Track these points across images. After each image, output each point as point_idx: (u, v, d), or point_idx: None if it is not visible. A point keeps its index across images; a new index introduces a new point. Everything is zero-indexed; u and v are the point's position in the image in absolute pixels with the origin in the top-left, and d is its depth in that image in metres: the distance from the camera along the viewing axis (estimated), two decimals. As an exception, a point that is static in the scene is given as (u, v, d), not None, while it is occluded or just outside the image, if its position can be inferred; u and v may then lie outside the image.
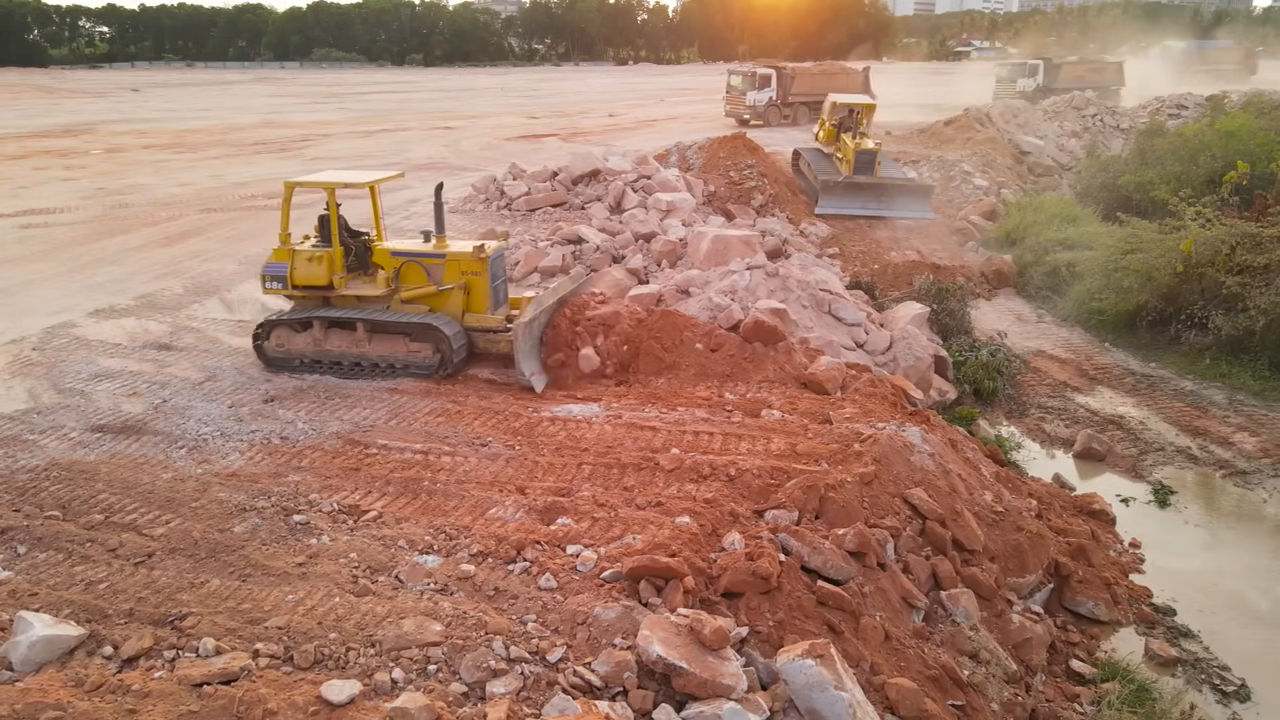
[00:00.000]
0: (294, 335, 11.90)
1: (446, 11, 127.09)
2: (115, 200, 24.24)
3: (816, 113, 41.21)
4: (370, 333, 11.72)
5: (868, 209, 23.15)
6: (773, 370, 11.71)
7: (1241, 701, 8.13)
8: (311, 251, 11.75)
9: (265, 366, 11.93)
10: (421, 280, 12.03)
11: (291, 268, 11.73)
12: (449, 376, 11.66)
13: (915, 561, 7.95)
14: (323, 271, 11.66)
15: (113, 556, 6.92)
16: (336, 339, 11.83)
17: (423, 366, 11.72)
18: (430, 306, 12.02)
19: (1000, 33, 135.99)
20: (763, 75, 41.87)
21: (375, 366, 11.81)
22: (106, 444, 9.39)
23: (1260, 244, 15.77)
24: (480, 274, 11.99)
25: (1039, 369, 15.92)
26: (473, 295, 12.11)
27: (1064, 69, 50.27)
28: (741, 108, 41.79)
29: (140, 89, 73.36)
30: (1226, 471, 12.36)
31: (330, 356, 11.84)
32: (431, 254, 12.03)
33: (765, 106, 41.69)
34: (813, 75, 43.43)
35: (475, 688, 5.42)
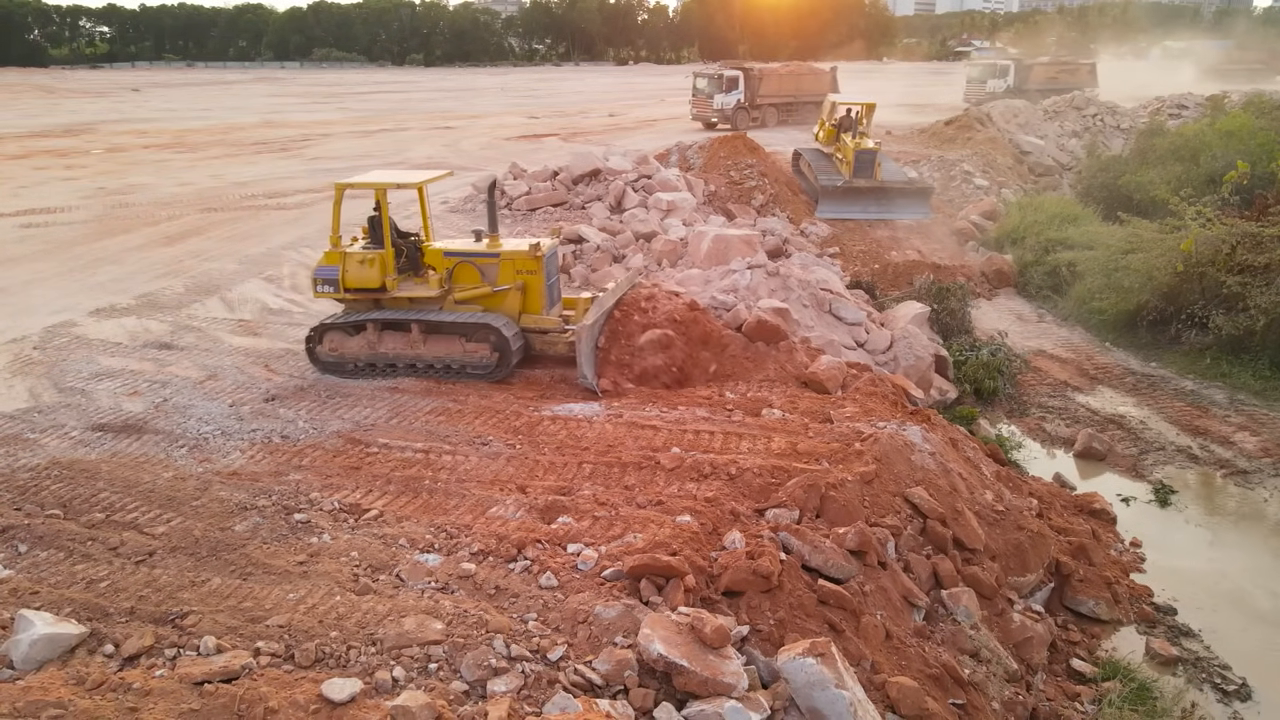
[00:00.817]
0: (347, 339, 11.70)
1: (447, 11, 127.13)
2: (116, 200, 24.24)
3: (785, 115, 41.01)
4: (425, 334, 11.53)
5: (868, 212, 23.16)
6: (774, 369, 11.71)
7: (1242, 700, 8.13)
8: (363, 254, 11.53)
9: (319, 371, 11.76)
10: (475, 280, 11.85)
11: (343, 271, 11.53)
12: (505, 379, 11.46)
13: (916, 560, 7.95)
14: (375, 274, 11.45)
15: (114, 555, 6.92)
16: (391, 341, 11.62)
17: (480, 367, 11.51)
18: (485, 307, 11.82)
19: (1000, 33, 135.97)
20: (730, 77, 40.34)
21: (430, 368, 11.62)
22: (107, 443, 9.39)
23: (1261, 243, 15.77)
24: (536, 273, 11.78)
25: (1039, 368, 15.92)
26: (529, 295, 11.88)
27: (1035, 70, 49.66)
28: (709, 111, 40.34)
29: (140, 89, 73.40)
30: (1227, 471, 12.36)
31: (384, 359, 11.65)
32: (486, 254, 11.82)
33: (733, 109, 40.09)
34: (780, 76, 42.16)
35: (476, 686, 5.42)
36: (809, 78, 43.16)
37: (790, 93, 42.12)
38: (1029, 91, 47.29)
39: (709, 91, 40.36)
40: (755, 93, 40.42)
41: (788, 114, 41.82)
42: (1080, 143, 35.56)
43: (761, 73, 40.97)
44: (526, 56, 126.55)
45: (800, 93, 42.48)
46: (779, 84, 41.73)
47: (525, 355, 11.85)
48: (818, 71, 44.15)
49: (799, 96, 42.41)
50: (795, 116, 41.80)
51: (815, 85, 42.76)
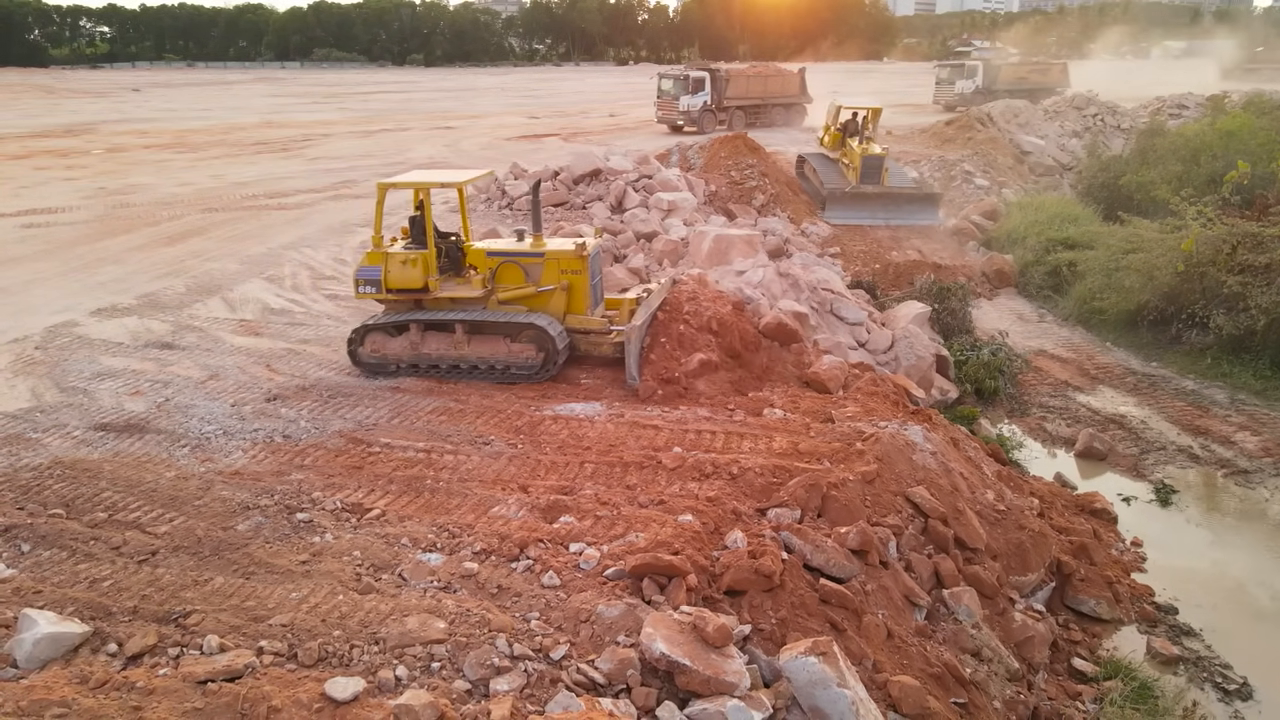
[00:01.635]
0: (389, 340, 11.62)
1: (447, 11, 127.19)
2: (116, 200, 24.25)
3: (753, 117, 40.17)
4: (469, 335, 11.45)
5: (876, 218, 22.93)
6: (786, 370, 11.68)
7: (1243, 700, 8.14)
8: (405, 254, 11.40)
9: (361, 373, 11.67)
10: (519, 280, 11.73)
11: (385, 271, 11.40)
12: (551, 379, 11.36)
13: (917, 560, 7.95)
14: (418, 274, 11.34)
15: (116, 554, 6.93)
16: (434, 342, 11.54)
17: (525, 368, 11.40)
18: (529, 307, 11.69)
19: (1000, 32, 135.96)
20: (696, 79, 39.07)
21: (475, 368, 11.52)
22: (109, 442, 9.40)
23: (1261, 243, 15.79)
24: (581, 273, 11.64)
25: (1040, 368, 15.93)
26: (574, 295, 11.74)
27: (1004, 70, 49.03)
28: (675, 113, 39.08)
29: (141, 89, 73.43)
30: (1228, 471, 12.37)
31: (428, 360, 11.56)
32: (530, 253, 11.69)
33: (700, 112, 38.89)
34: (748, 78, 41.08)
35: (479, 685, 5.43)
36: (776, 80, 42.23)
37: (758, 95, 41.13)
38: (998, 92, 46.71)
39: (674, 93, 39.24)
40: (722, 95, 39.42)
41: (755, 116, 40.89)
42: (1081, 143, 35.57)
43: (728, 74, 39.99)
44: (527, 56, 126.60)
45: (768, 95, 41.61)
46: (746, 86, 40.71)
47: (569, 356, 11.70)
48: (785, 73, 43.10)
49: (767, 99, 41.54)
50: (763, 119, 40.94)
51: (783, 87, 42.05)
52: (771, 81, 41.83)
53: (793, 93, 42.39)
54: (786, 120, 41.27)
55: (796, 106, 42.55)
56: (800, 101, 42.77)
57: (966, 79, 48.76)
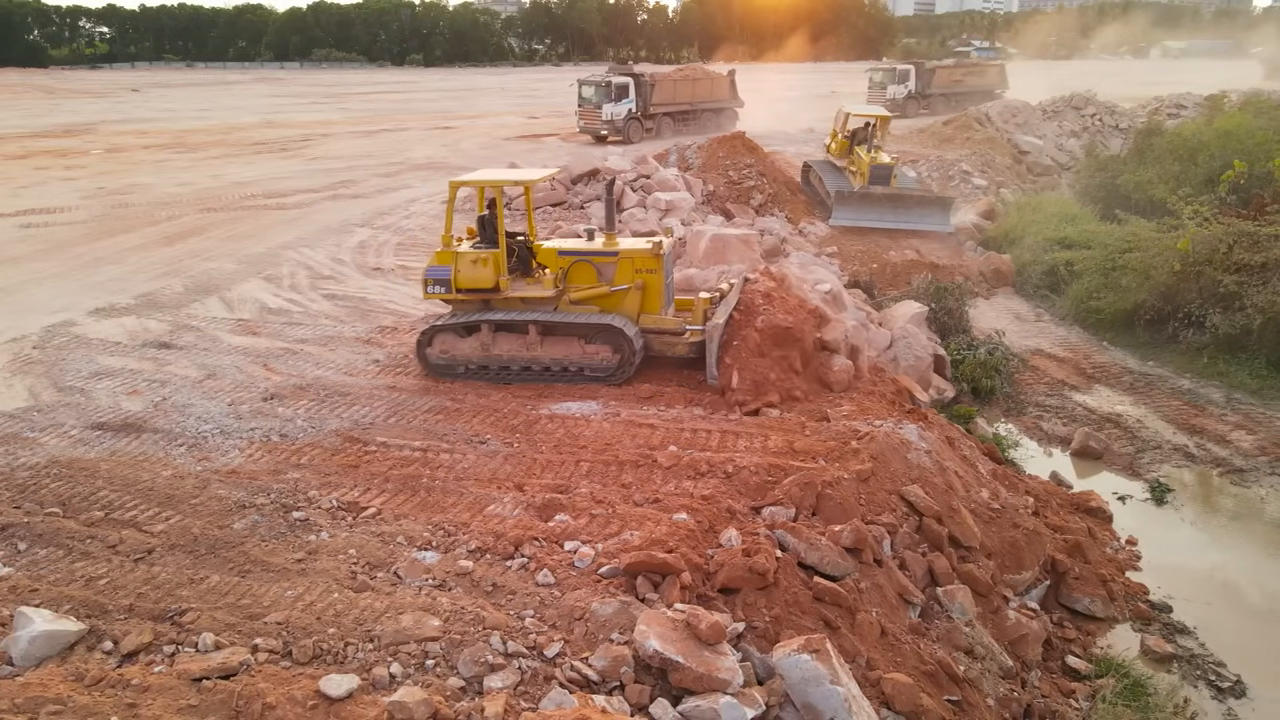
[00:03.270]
0: (458, 341, 11.43)
1: (446, 12, 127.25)
2: (116, 200, 24.28)
3: (682, 124, 37.66)
4: (541, 335, 11.27)
5: (884, 222, 22.13)
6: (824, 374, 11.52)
7: (1237, 697, 8.17)
8: (476, 253, 11.21)
9: (428, 374, 11.54)
10: (591, 280, 11.54)
11: (455, 271, 11.23)
12: (626, 381, 11.19)
13: (912, 558, 7.98)
14: (489, 274, 11.16)
15: (113, 553, 6.95)
16: (505, 343, 11.33)
17: (600, 369, 11.22)
18: (601, 307, 11.51)
19: (1000, 33, 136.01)
20: (619, 85, 35.74)
21: (547, 370, 11.36)
22: (106, 441, 9.42)
23: (1257, 243, 15.81)
24: (656, 272, 11.43)
25: (1037, 367, 15.96)
26: (648, 295, 11.49)
27: (938, 74, 47.08)
28: (597, 123, 35.77)
29: (140, 89, 73.46)
30: (1224, 469, 12.39)
31: (499, 362, 11.40)
32: (604, 252, 11.50)
33: (625, 120, 35.66)
34: (675, 82, 38.23)
35: (473, 682, 5.46)
36: (705, 83, 39.61)
37: (686, 100, 38.47)
38: (933, 97, 45.80)
39: (596, 101, 35.80)
40: (648, 101, 36.49)
41: (684, 124, 38.16)
42: (1079, 142, 35.60)
43: (654, 79, 37.13)
44: (526, 57, 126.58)
45: (697, 100, 39.06)
46: (674, 91, 37.90)
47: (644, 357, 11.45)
48: (715, 76, 40.45)
49: (695, 104, 38.99)
50: (692, 126, 38.09)
51: (712, 91, 39.65)
52: (700, 85, 39.34)
53: (722, 97, 40.07)
54: (717, 126, 38.19)
55: (727, 111, 40.26)
56: (731, 106, 40.58)
57: (898, 83, 46.69)
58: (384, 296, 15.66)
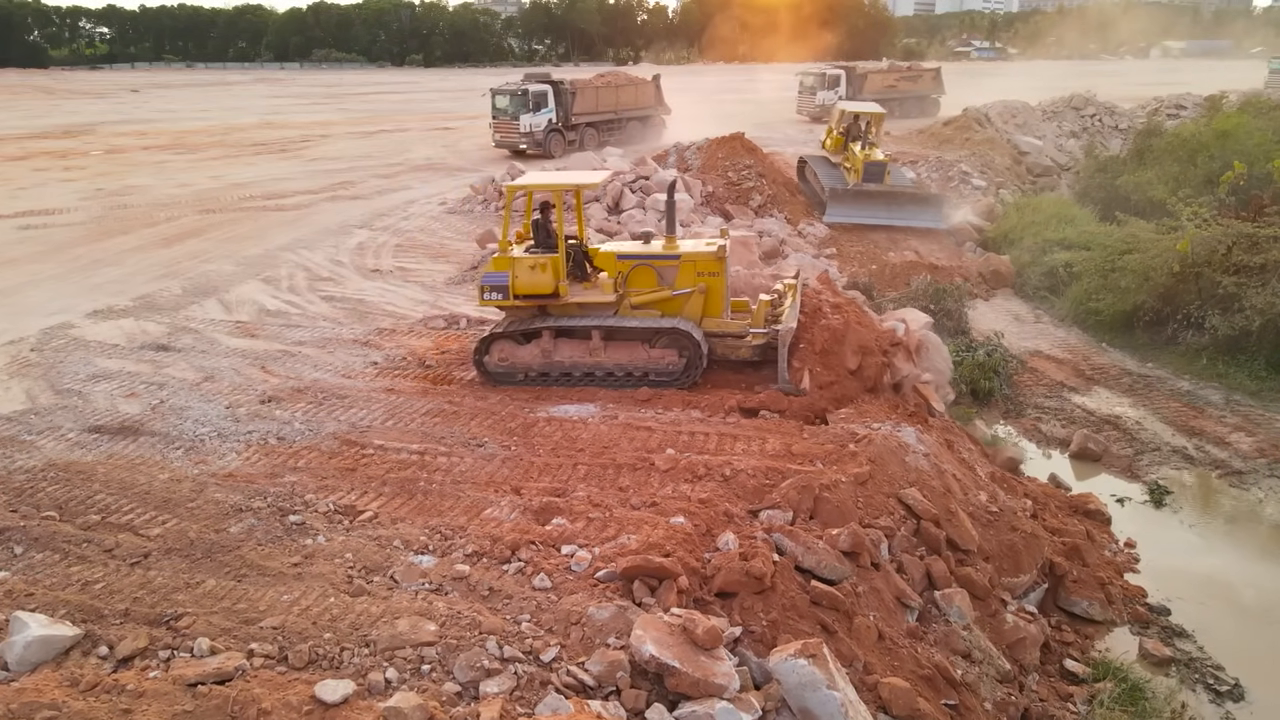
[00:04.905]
0: (517, 348, 11.30)
1: (446, 12, 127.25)
2: (114, 201, 24.29)
3: (606, 134, 35.68)
4: (604, 341, 11.14)
5: (877, 218, 22.33)
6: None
7: (1235, 701, 8.15)
8: (534, 259, 10.96)
9: (487, 383, 11.39)
10: (652, 284, 11.35)
11: (513, 277, 11.00)
12: (694, 385, 11.08)
13: (909, 561, 7.96)
14: (548, 279, 10.93)
15: (109, 557, 6.95)
16: (566, 349, 11.21)
17: (665, 374, 11.07)
18: (662, 311, 11.35)
19: (1000, 33, 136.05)
20: (536, 93, 33.49)
21: (610, 376, 11.21)
22: (104, 444, 9.41)
23: (1257, 244, 15.79)
24: (719, 275, 11.28)
25: (1036, 369, 15.94)
26: (710, 298, 11.32)
27: (870, 78, 45.52)
28: (515, 135, 33.40)
29: (140, 90, 73.47)
30: (1222, 471, 12.38)
31: (560, 368, 11.27)
32: (664, 255, 11.32)
33: (544, 132, 33.51)
34: (597, 90, 35.93)
35: (469, 687, 5.44)
36: (629, 90, 37.33)
37: (610, 108, 36.35)
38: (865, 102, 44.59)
39: (513, 112, 33.46)
40: (569, 111, 34.41)
41: (608, 133, 36.20)
42: (1078, 143, 35.57)
43: (575, 86, 34.88)
44: (526, 57, 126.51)
45: (620, 107, 36.89)
46: (596, 99, 35.70)
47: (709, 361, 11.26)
48: (639, 82, 38.17)
49: (620, 112, 36.82)
50: (617, 136, 36.15)
51: (636, 99, 37.52)
52: (624, 92, 37.04)
53: (647, 104, 38.03)
54: (643, 135, 36.62)
55: (654, 119, 38.30)
56: (657, 113, 38.63)
57: (828, 88, 44.79)
58: (382, 298, 15.66)
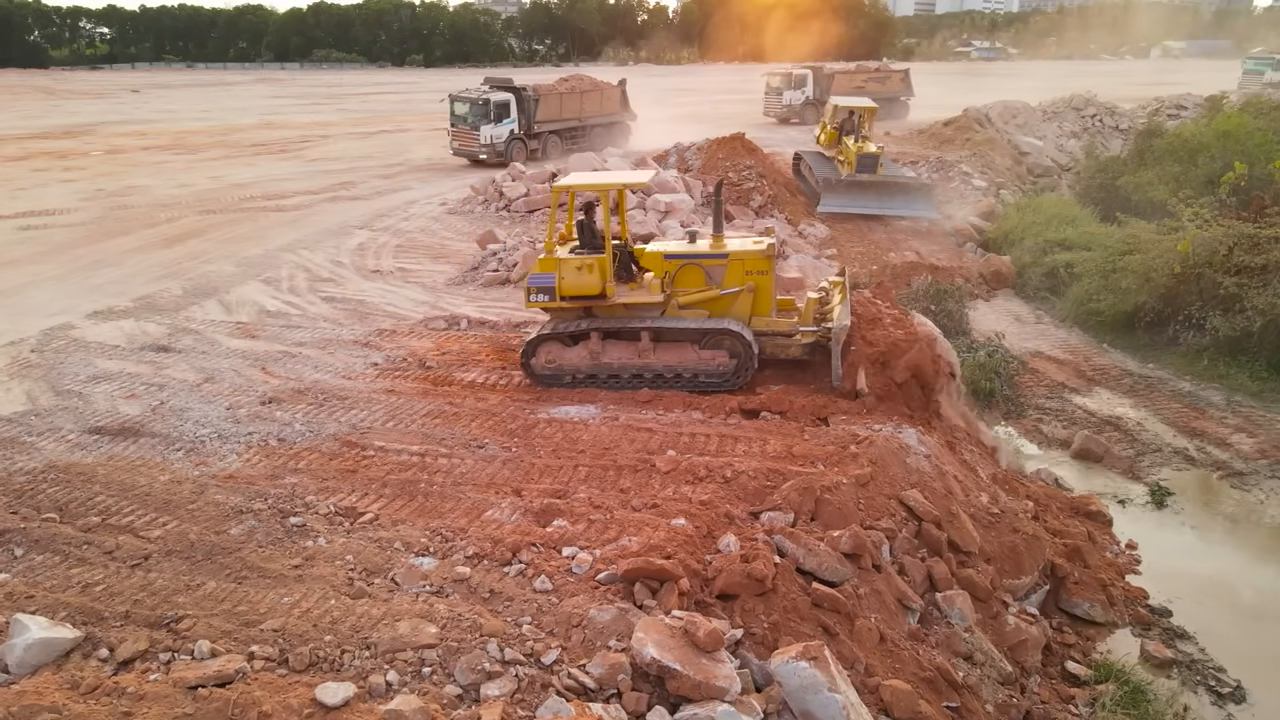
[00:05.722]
0: (564, 350, 11.22)
1: (447, 12, 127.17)
2: (115, 202, 24.29)
3: (570, 142, 34.07)
4: (653, 342, 11.04)
5: (869, 208, 22.91)
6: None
7: (1237, 703, 8.14)
8: (580, 259, 10.85)
9: (534, 384, 11.34)
10: (700, 283, 11.24)
11: (559, 278, 10.92)
12: (744, 387, 10.98)
13: (911, 563, 7.95)
14: (595, 280, 10.81)
15: (109, 559, 6.94)
16: (614, 351, 11.12)
17: (716, 376, 10.98)
18: (710, 312, 11.27)
19: (1000, 33, 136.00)
20: (499, 102, 31.63)
21: (659, 377, 11.09)
22: (104, 446, 9.41)
23: (1258, 245, 15.77)
24: (767, 273, 11.16)
25: (1037, 370, 15.92)
26: (759, 297, 11.22)
27: (837, 79, 44.20)
28: (474, 145, 31.76)
29: (140, 90, 73.47)
30: (1224, 473, 12.36)
31: (608, 370, 11.15)
32: (712, 255, 11.20)
33: (506, 141, 31.85)
34: (561, 96, 34.12)
35: (470, 690, 5.43)
36: (594, 96, 35.71)
37: (574, 115, 34.74)
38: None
39: (473, 121, 31.62)
40: (532, 119, 32.71)
41: (573, 141, 34.44)
42: (1079, 143, 35.53)
43: (538, 92, 33.04)
44: (527, 57, 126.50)
45: (585, 114, 35.28)
46: (560, 106, 34.01)
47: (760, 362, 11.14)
48: (604, 87, 36.57)
49: (584, 119, 35.22)
50: (581, 144, 33.95)
51: (601, 105, 35.99)
52: (589, 98, 35.45)
53: (613, 110, 36.55)
54: (609, 142, 34.86)
55: (619, 125, 36.72)
56: (623, 119, 36.98)
57: (795, 89, 44.11)
58: (383, 299, 15.66)
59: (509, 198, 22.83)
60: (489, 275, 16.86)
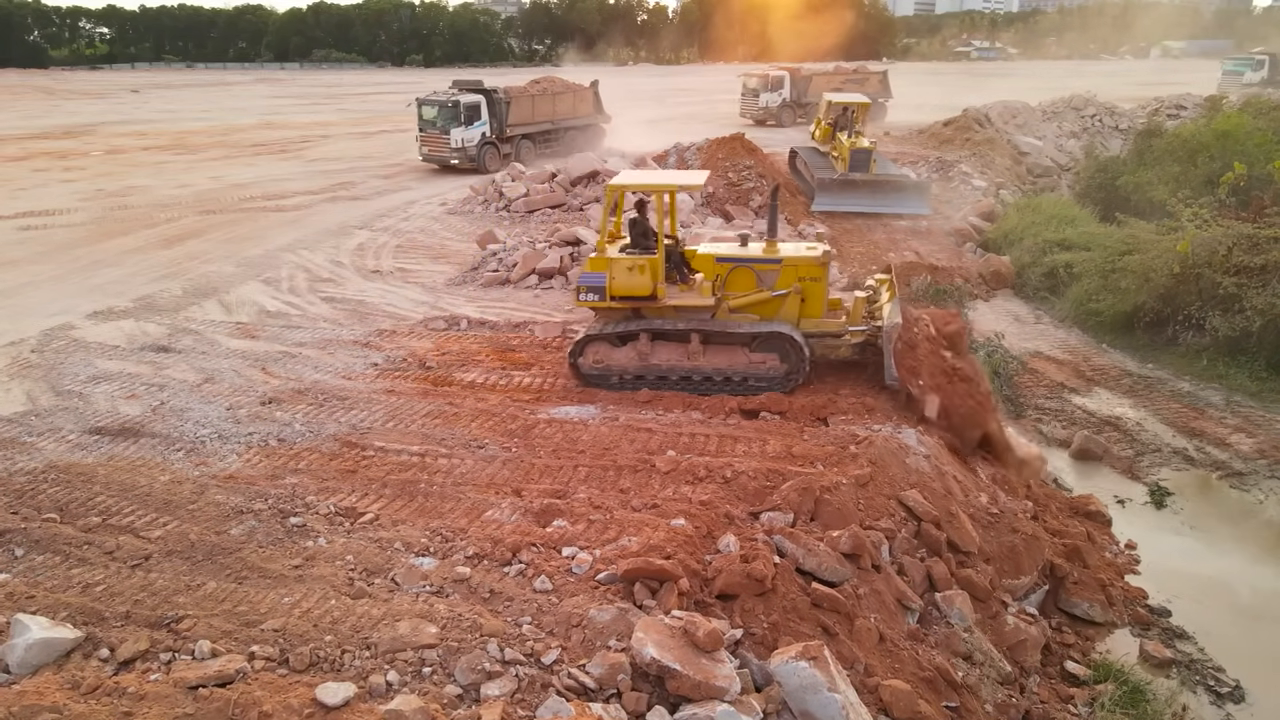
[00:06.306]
0: (612, 350, 11.19)
1: (446, 12, 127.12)
2: (115, 202, 24.29)
3: (544, 145, 33.42)
4: (703, 344, 11.03)
5: (864, 206, 23.12)
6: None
7: (1236, 703, 8.16)
8: (632, 259, 10.80)
9: (581, 385, 11.35)
10: (750, 286, 11.21)
11: (610, 277, 10.87)
12: (795, 389, 10.95)
13: (910, 563, 7.96)
14: (646, 281, 10.76)
15: (110, 559, 6.95)
16: (664, 352, 11.08)
17: (767, 379, 10.95)
18: (760, 315, 11.24)
19: (1000, 33, 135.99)
20: (469, 105, 30.15)
21: (709, 380, 11.07)
22: (104, 446, 9.42)
23: (1257, 245, 15.78)
24: (820, 279, 11.19)
25: (1036, 370, 15.92)
26: (809, 301, 11.23)
27: (814, 81, 44.15)
28: (445, 150, 30.51)
29: (140, 90, 73.45)
30: (1223, 473, 12.37)
31: (657, 371, 11.11)
32: (765, 259, 11.17)
33: (478, 146, 30.60)
34: (533, 99, 32.96)
35: (470, 690, 5.44)
36: (566, 98, 34.60)
37: (546, 118, 33.63)
38: (809, 105, 42.65)
39: (443, 125, 30.40)
40: (504, 122, 31.42)
41: (545, 145, 33.39)
42: (1079, 143, 35.53)
43: (509, 95, 31.71)
44: (527, 57, 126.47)
45: (558, 117, 34.16)
46: (532, 108, 32.79)
47: None
48: (577, 90, 35.39)
49: (557, 122, 34.09)
50: (555, 148, 33.19)
51: (574, 107, 34.92)
52: (561, 101, 34.35)
53: (586, 112, 35.60)
54: (583, 145, 33.29)
55: (593, 128, 35.69)
56: (596, 122, 35.98)
57: (772, 91, 43.88)
58: (382, 299, 15.67)
59: (509, 198, 22.83)
60: (489, 275, 16.87)
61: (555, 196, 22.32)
